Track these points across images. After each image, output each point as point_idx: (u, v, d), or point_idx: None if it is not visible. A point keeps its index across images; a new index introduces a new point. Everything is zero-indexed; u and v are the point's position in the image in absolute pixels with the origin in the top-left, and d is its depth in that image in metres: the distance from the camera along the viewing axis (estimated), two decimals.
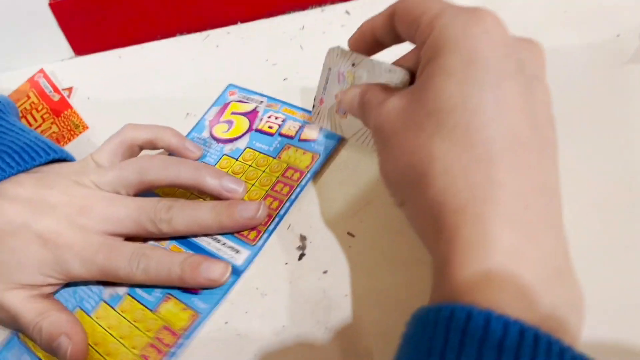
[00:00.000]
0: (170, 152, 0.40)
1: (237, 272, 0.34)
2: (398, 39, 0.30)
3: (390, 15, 0.29)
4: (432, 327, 0.20)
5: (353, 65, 0.34)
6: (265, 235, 0.35)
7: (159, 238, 0.36)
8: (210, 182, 0.36)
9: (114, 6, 0.52)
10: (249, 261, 0.34)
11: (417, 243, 0.31)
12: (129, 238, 0.36)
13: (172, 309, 0.33)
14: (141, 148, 0.39)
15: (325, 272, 0.32)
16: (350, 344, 0.29)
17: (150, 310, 0.33)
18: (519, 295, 0.20)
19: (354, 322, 0.30)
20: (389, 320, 0.29)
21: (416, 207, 0.25)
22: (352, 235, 0.33)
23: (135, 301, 0.34)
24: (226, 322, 0.32)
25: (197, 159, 0.40)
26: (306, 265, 0.33)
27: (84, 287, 0.36)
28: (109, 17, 0.53)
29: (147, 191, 0.39)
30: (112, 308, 0.34)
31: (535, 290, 0.20)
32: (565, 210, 0.23)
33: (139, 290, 0.35)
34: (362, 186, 0.35)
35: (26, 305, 0.34)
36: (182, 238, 0.36)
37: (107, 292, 0.35)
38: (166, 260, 0.33)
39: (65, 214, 0.34)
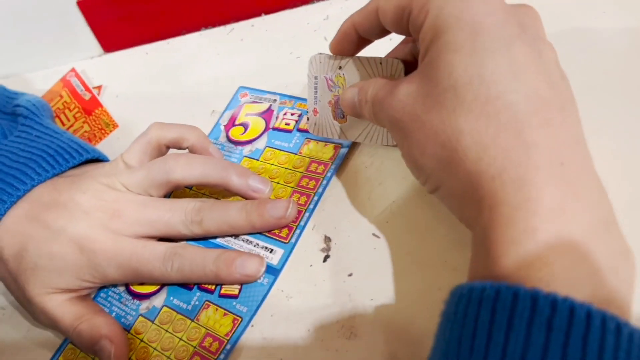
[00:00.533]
0: (195, 153, 0.40)
1: (274, 272, 0.33)
2: (383, 33, 0.30)
3: (374, 9, 0.29)
4: (476, 307, 0.19)
5: (340, 68, 0.33)
6: (298, 232, 0.34)
7: (191, 239, 0.37)
8: (237, 181, 0.35)
9: (140, 2, 0.52)
10: (285, 260, 0.34)
11: (445, 245, 0.30)
12: (162, 239, 0.37)
13: (212, 316, 0.33)
14: (168, 147, 0.39)
15: (350, 274, 0.31)
16: (377, 350, 0.29)
17: (191, 319, 0.34)
18: (567, 255, 0.20)
19: (380, 327, 0.29)
20: (416, 325, 0.29)
21: (451, 186, 0.24)
22: (377, 237, 0.32)
23: (174, 311, 0.34)
24: (252, 325, 0.32)
25: None
26: (331, 268, 0.32)
27: (119, 304, 0.36)
28: (135, 14, 0.53)
29: (176, 190, 0.39)
30: (151, 321, 0.35)
31: (584, 245, 0.20)
32: None
33: (175, 301, 0.35)
34: (387, 184, 0.34)
35: (64, 309, 0.35)
36: (213, 238, 0.36)
37: (144, 305, 0.36)
38: (200, 257, 0.34)
39: (99, 218, 0.35)
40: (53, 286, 0.34)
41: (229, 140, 0.42)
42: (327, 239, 0.33)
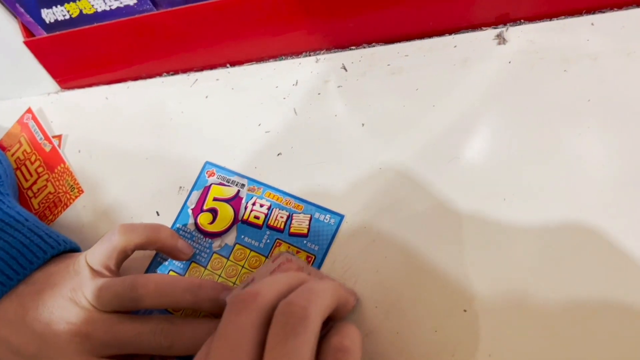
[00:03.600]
0: (163, 252, 0.39)
1: None
2: None
3: None
4: None
5: None
6: None
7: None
8: (209, 306, 0.35)
9: (91, 43, 0.48)
10: None
11: None
12: None
13: None
14: (134, 250, 0.38)
15: None
16: None
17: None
18: None
19: None
20: None
21: None
22: None
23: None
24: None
25: (188, 259, 0.39)
26: None
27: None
28: (87, 55, 0.49)
29: None
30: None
31: None
32: None
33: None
34: (359, 311, 0.34)
35: None
36: None
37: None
38: None
39: (69, 342, 0.34)
40: None
41: (198, 229, 0.40)
42: None
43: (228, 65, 0.46)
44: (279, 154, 0.40)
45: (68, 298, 0.36)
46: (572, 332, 0.29)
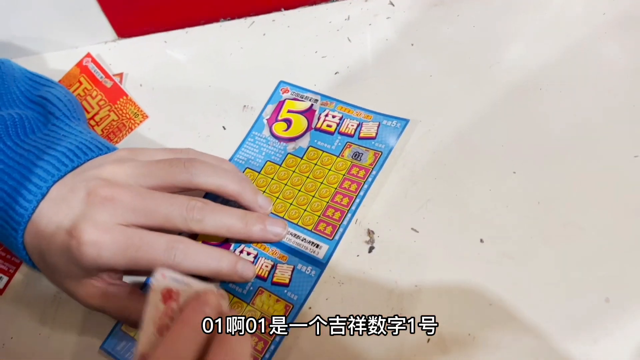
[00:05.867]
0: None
1: (320, 265, 0.38)
2: None
3: None
4: None
5: None
6: (341, 230, 0.39)
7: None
8: (249, 196, 0.39)
9: None
10: (330, 254, 0.38)
11: (476, 240, 0.36)
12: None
13: (266, 301, 0.38)
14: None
15: (394, 264, 0.37)
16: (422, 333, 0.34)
17: (247, 302, 0.38)
18: None
19: (424, 310, 0.35)
20: (456, 311, 0.35)
21: None
22: (417, 231, 0.38)
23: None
24: (310, 308, 0.37)
25: None
26: (376, 258, 0.38)
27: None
28: (150, 1, 0.55)
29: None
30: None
31: None
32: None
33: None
34: (421, 184, 0.39)
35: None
36: None
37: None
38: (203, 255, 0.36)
39: (99, 211, 0.35)
40: (77, 279, 0.36)
41: (273, 135, 0.45)
42: (371, 232, 0.39)
43: (282, 9, 0.53)
44: (336, 73, 0.47)
45: (108, 174, 0.37)
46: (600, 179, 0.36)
